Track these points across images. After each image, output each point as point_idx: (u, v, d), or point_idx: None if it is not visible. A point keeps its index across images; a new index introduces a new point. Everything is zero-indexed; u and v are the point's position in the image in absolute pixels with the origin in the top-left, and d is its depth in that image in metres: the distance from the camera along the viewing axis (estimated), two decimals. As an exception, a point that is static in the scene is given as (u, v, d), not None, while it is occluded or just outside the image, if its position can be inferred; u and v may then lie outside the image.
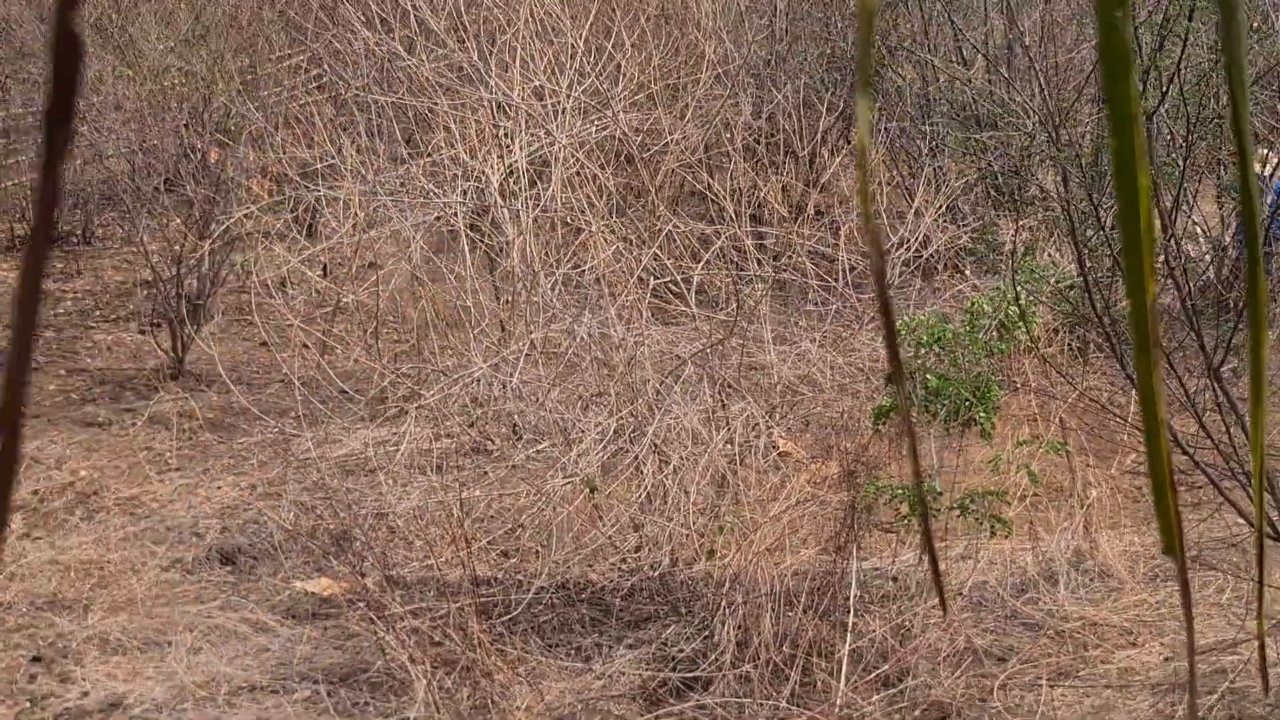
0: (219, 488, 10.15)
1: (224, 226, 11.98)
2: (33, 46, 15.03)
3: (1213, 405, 5.54)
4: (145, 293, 13.47)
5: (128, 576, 8.85)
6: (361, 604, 7.88)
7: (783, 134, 12.05)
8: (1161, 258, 7.57)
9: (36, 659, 7.99)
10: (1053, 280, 7.99)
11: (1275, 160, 10.47)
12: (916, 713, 6.75)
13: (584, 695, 7.19)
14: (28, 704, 7.58)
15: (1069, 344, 9.46)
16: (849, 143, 13.11)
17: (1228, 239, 10.93)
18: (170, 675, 7.64)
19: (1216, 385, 5.69)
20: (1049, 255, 8.70)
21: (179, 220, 12.68)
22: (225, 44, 13.61)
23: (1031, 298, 7.51)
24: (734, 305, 8.63)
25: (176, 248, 12.40)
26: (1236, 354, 9.41)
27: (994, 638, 7.28)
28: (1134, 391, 5.93)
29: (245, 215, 11.80)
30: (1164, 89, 7.65)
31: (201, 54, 13.22)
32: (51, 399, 12.34)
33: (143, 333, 13.37)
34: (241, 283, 12.33)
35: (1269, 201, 10.28)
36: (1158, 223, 7.95)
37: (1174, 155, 7.94)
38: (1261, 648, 0.99)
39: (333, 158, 10.19)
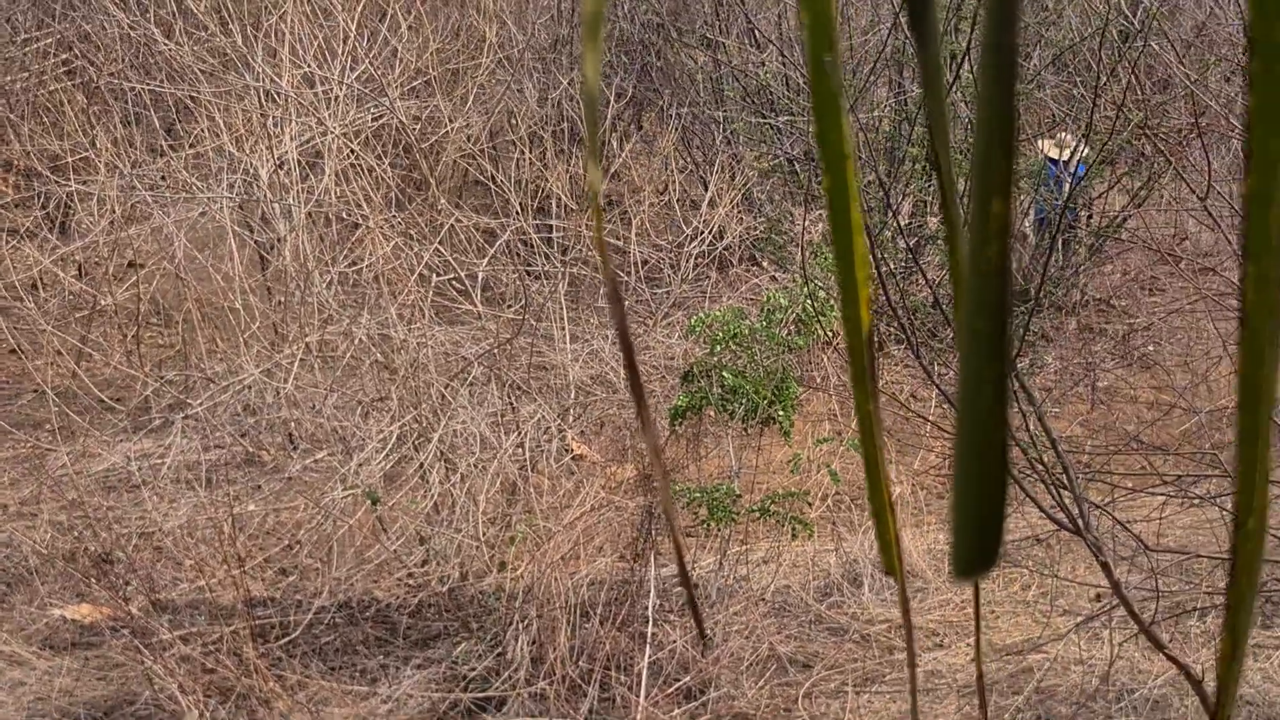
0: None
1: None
2: None
3: (1015, 396, 5.64)
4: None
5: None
6: (126, 631, 7.70)
7: (569, 121, 12.05)
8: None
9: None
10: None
11: (1073, 145, 10.79)
12: (720, 726, 6.80)
13: (369, 719, 7.11)
14: None
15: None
16: (640, 129, 13.19)
17: (1026, 227, 11.24)
18: (-86, 716, 7.37)
19: (1013, 375, 5.80)
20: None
21: (-84, 219, 12.31)
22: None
23: (827, 291, 7.59)
24: (522, 302, 8.62)
25: (-87, 249, 12.04)
26: (1033, 347, 9.68)
27: (798, 644, 7.37)
28: (934, 385, 6.05)
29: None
30: (957, 72, 7.84)
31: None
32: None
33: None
34: (-13, 286, 11.98)
35: (1066, 188, 10.60)
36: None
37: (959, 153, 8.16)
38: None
39: (85, 149, 9.94)
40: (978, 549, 0.63)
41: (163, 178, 9.64)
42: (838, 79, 0.68)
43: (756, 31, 12.88)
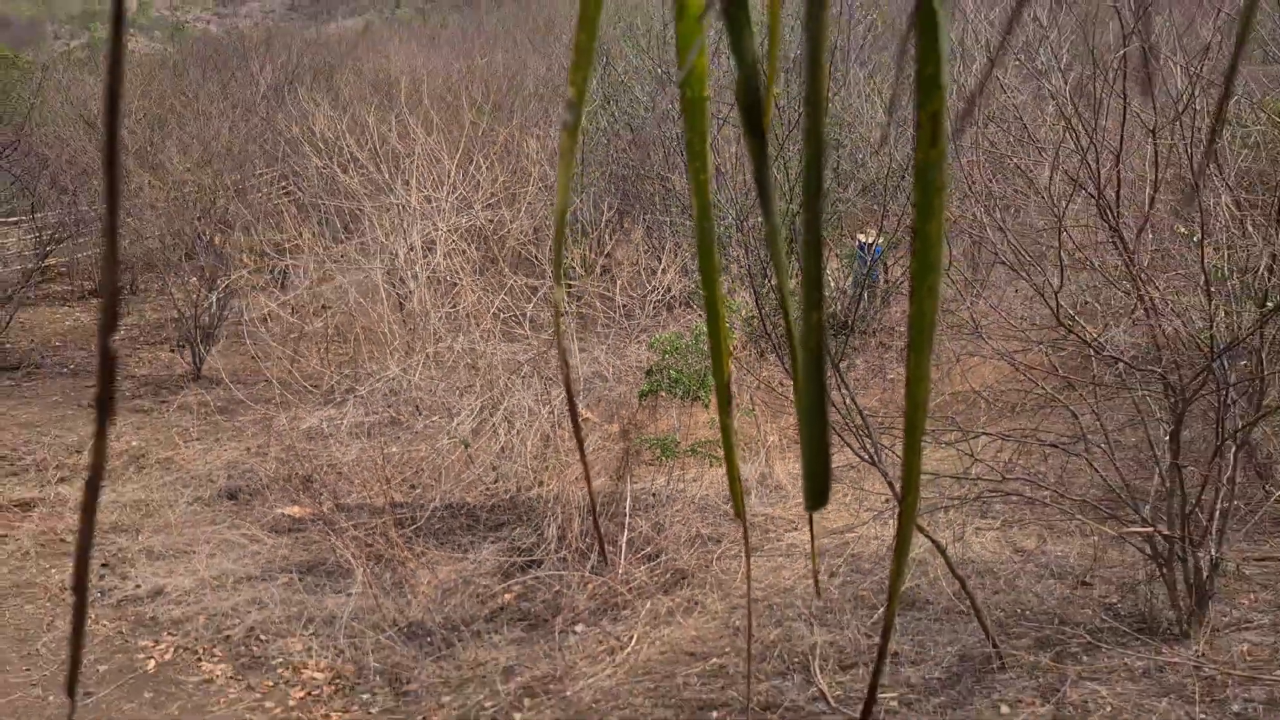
0: (225, 450, 9.83)
1: (225, 283, 11.61)
2: (88, 164, 14.32)
3: (837, 384, 5.72)
4: (174, 325, 12.98)
5: (165, 509, 8.52)
6: (320, 521, 7.71)
7: (580, 222, 12.08)
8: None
9: (105, 565, 7.64)
10: (743, 312, 8.17)
11: (874, 234, 10.86)
12: (667, 576, 6.84)
13: (463, 574, 7.14)
14: (99, 594, 7.24)
15: (753, 351, 9.67)
16: (622, 228, 13.20)
17: (848, 286, 11.30)
18: (194, 572, 7.37)
19: (837, 372, 5.88)
20: (740, 297, 8.87)
21: (195, 279, 12.25)
22: (223, 165, 13.15)
23: (729, 323, 7.65)
24: (553, 329, 8.64)
25: (194, 296, 11.99)
26: (849, 357, 9.73)
27: (712, 528, 7.41)
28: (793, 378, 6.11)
29: (239, 276, 11.46)
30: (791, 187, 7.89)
31: (208, 172, 12.76)
32: (112, 396, 11.79)
33: (173, 351, 12.88)
34: (238, 319, 11.95)
35: (869, 262, 10.67)
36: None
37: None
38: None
39: (296, 239, 9.93)
40: (818, 492, 0.65)
41: (341, 256, 9.64)
42: (710, 232, 0.68)
43: (689, 170, 12.93)
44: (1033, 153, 5.49)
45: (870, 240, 10.91)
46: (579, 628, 6.42)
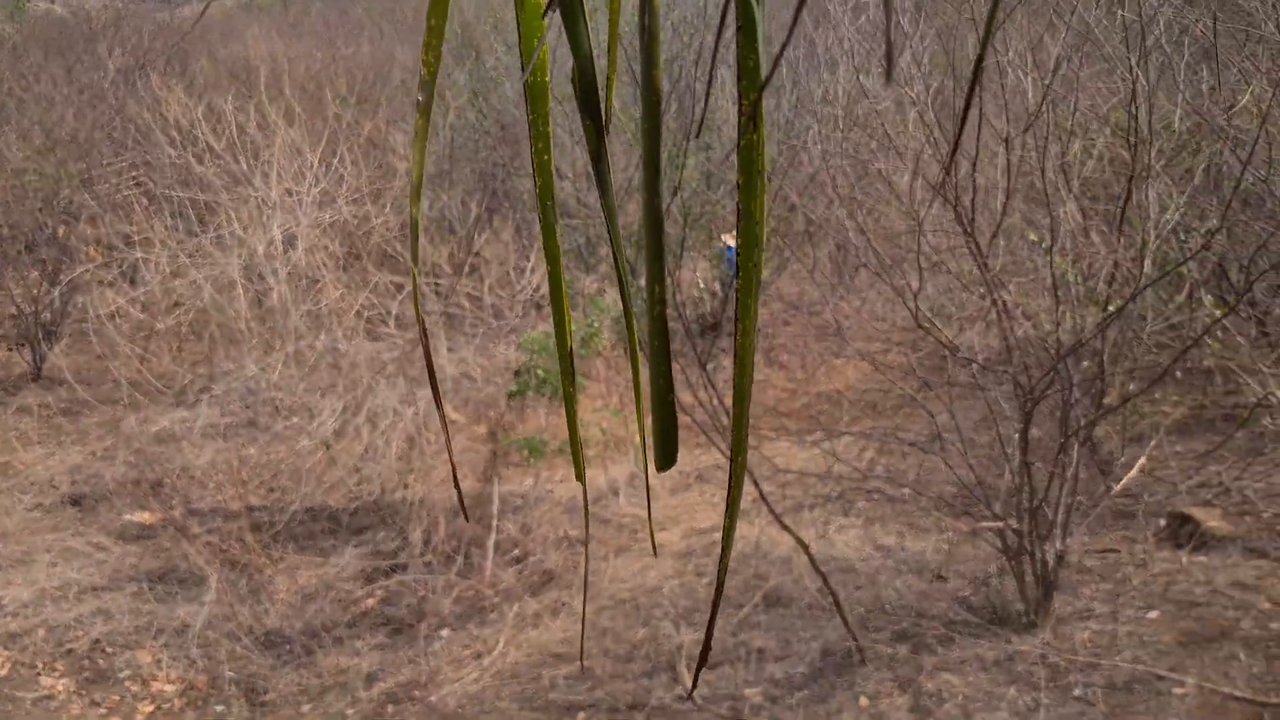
0: (68, 454, 9.36)
1: (69, 278, 11.07)
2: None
3: (703, 385, 5.81)
4: (12, 322, 12.29)
5: (2, 517, 8.06)
6: (171, 527, 7.42)
7: (448, 220, 11.94)
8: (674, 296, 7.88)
9: (-68, 577, 7.18)
10: (611, 313, 8.19)
11: (731, 238, 11.06)
12: (535, 578, 6.82)
13: (324, 579, 6.97)
14: (-74, 608, 6.80)
15: (623, 351, 9.71)
16: (491, 225, 13.09)
17: (716, 286, 11.45)
18: (34, 583, 6.99)
19: (704, 373, 5.96)
20: (610, 297, 8.89)
21: (36, 273, 11.63)
22: (68, 154, 12.51)
23: (598, 323, 7.68)
24: (419, 328, 8.51)
25: (34, 291, 11.39)
26: (715, 357, 9.88)
27: (580, 529, 7.41)
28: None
29: (84, 270, 10.94)
30: (672, 197, 7.98)
31: (49, 160, 12.13)
32: (-59, 396, 11.10)
33: (10, 350, 12.19)
34: (83, 316, 11.39)
35: (735, 263, 10.84)
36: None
37: (680, 239, 8.29)
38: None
39: (147, 232, 9.53)
40: (668, 455, 0.68)
41: (196, 250, 9.29)
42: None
43: (559, 169, 12.90)
44: (894, 158, 5.68)
45: (732, 244, 11.10)
46: (444, 632, 6.34)
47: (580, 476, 0.80)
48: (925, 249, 5.35)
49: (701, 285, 11.50)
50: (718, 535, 7.15)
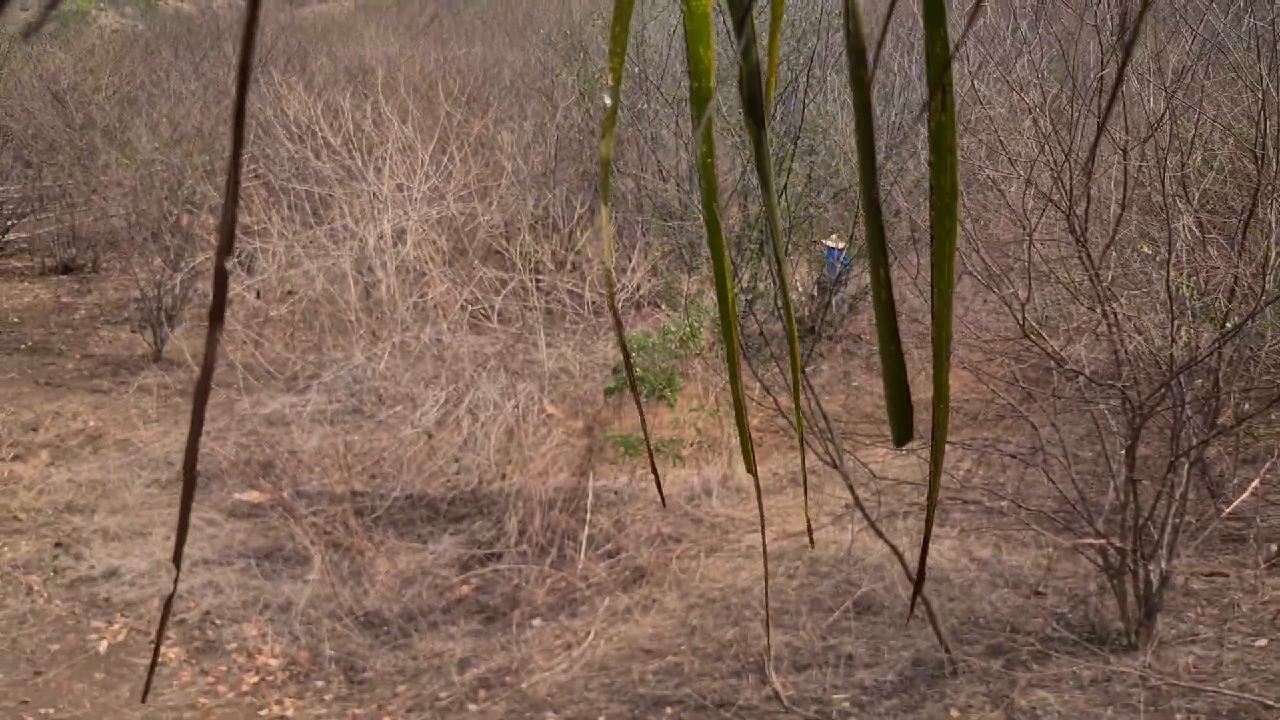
0: (184, 433, 9.73)
1: (190, 265, 11.50)
2: (54, 138, 14.10)
3: (804, 388, 5.76)
4: (136, 305, 12.82)
5: (121, 491, 8.42)
6: (279, 507, 7.65)
7: (551, 219, 12.08)
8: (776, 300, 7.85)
9: (59, 545, 7.54)
10: (711, 314, 8.20)
11: (839, 240, 10.94)
12: (626, 573, 6.86)
13: (422, 564, 7.12)
14: (51, 573, 7.14)
15: (721, 352, 9.70)
16: (593, 225, 13.20)
17: (814, 290, 11.36)
18: (150, 554, 7.29)
19: (802, 375, 5.92)
20: (709, 298, 8.90)
21: (160, 259, 12.11)
22: (193, 146, 13.00)
23: (698, 324, 7.68)
24: (521, 322, 8.63)
25: (158, 277, 11.86)
26: (814, 360, 9.80)
27: (673, 528, 7.45)
28: (757, 380, 6.14)
29: (205, 258, 11.36)
30: (778, 198, 7.93)
31: (176, 152, 12.62)
32: (70, 374, 11.64)
33: (134, 332, 12.73)
34: (202, 301, 11.84)
35: (837, 267, 10.74)
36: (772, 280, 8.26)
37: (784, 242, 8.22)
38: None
39: (264, 223, 9.85)
40: (904, 428, 0.69)
41: (310, 241, 9.57)
42: (714, 176, 0.72)
43: (663, 170, 12.94)
44: (1004, 166, 5.57)
45: (837, 246, 10.97)
46: (536, 622, 6.42)
47: (750, 468, 0.82)
48: (1034, 258, 5.23)
49: (801, 289, 11.42)
50: (808, 539, 7.09)
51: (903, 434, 0.69)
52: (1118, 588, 5.29)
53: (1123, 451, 5.23)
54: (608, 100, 0.65)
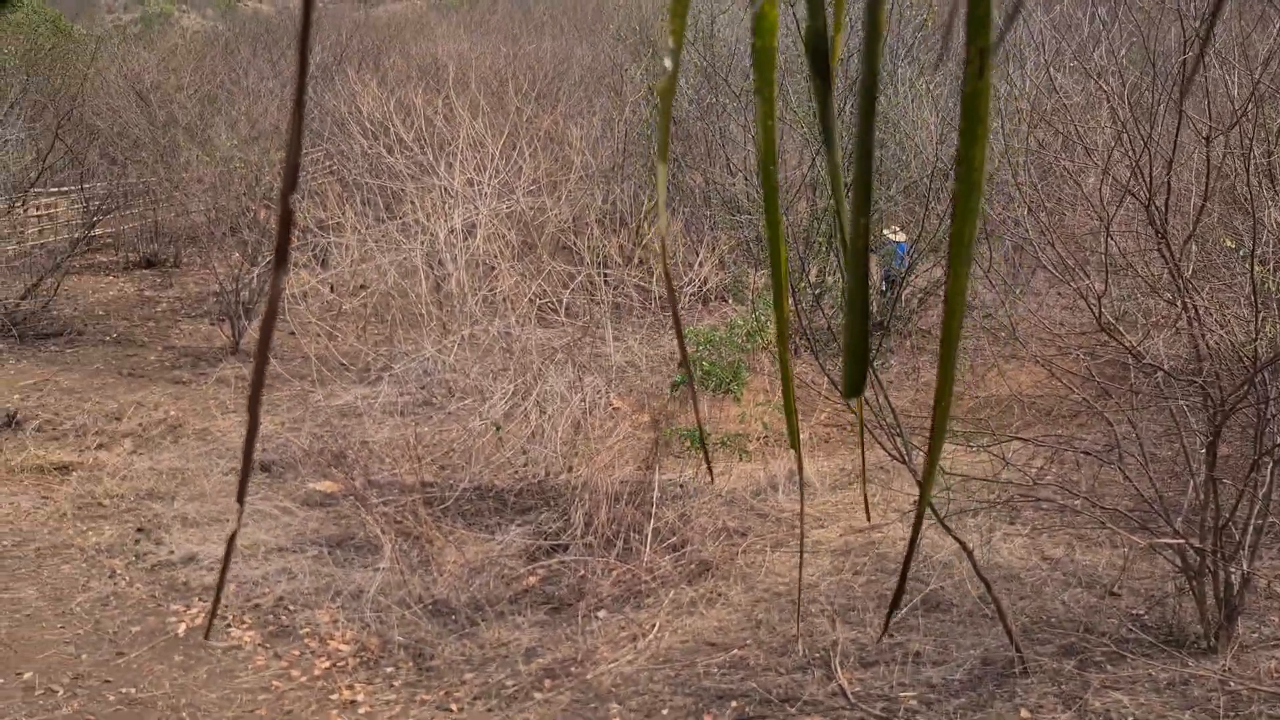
0: (261, 423, 9.94)
1: (267, 259, 11.73)
2: (138, 136, 14.49)
3: (871, 383, 5.70)
4: (214, 299, 13.12)
5: (200, 479, 8.63)
6: (351, 497, 7.78)
7: (620, 213, 12.11)
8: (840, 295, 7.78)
9: (140, 530, 7.75)
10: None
11: (901, 234, 10.80)
12: (692, 566, 6.85)
13: (489, 555, 7.19)
14: (133, 558, 7.35)
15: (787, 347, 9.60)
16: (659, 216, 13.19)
17: (881, 284, 11.24)
18: (226, 540, 7.47)
19: (870, 370, 5.85)
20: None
21: (238, 254, 12.38)
22: (270, 143, 13.27)
23: (766, 318, 7.64)
24: (588, 316, 8.66)
25: (236, 271, 12.12)
26: (882, 355, 9.69)
27: (739, 521, 7.42)
28: (825, 375, 6.09)
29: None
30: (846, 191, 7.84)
31: (254, 149, 12.88)
32: (152, 365, 11.95)
33: (212, 324, 13.03)
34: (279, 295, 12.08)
35: (906, 260, 10.61)
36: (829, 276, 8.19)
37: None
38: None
39: (338, 218, 10.01)
40: (857, 381, 0.66)
41: (382, 236, 9.71)
42: (776, 179, 0.71)
43: (731, 164, 12.89)
44: (1081, 156, 5.44)
45: (898, 238, 10.84)
46: (601, 613, 6.44)
47: (795, 446, 0.80)
48: (1112, 251, 5.10)
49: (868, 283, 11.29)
50: (876, 535, 7.02)
51: (854, 387, 0.65)
52: (1196, 589, 5.14)
53: (1203, 450, 5.08)
54: (668, 63, 0.64)
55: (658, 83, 0.66)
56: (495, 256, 8.99)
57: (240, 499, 0.52)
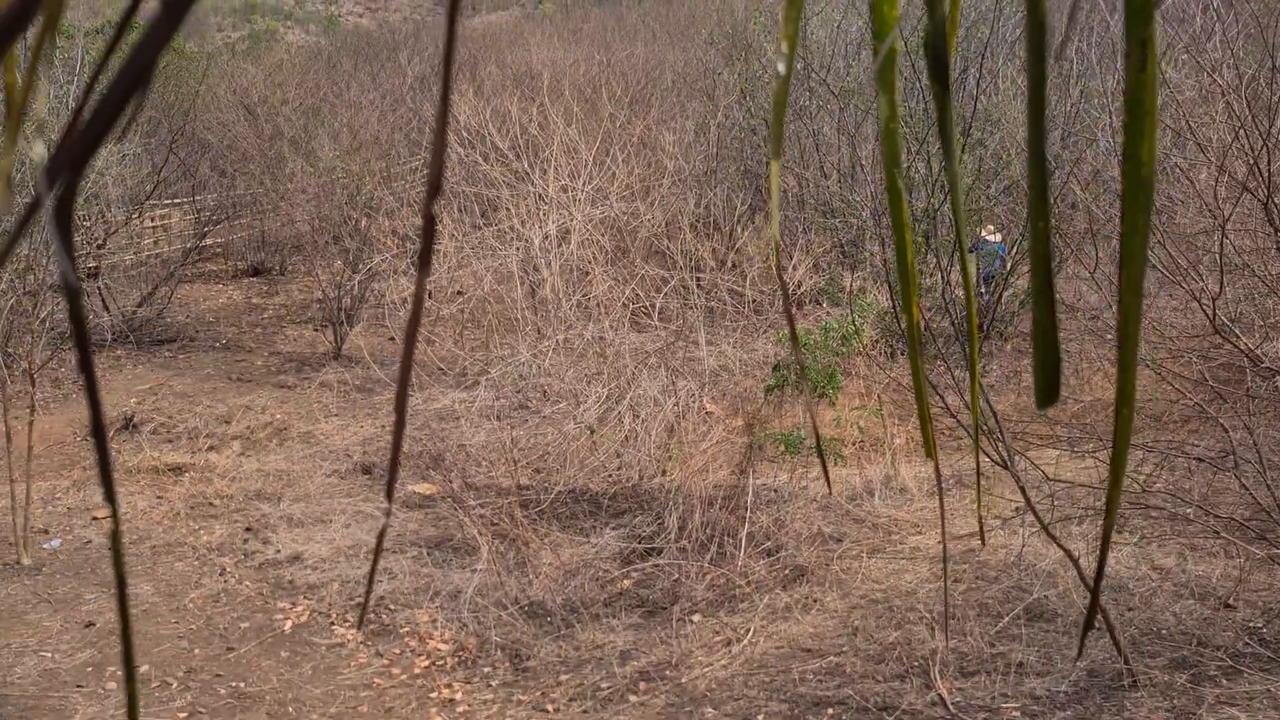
0: (362, 426, 10.16)
1: (369, 266, 12.00)
2: (247, 149, 14.97)
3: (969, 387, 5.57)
4: (318, 305, 13.48)
5: (305, 480, 8.87)
6: (449, 499, 7.91)
7: (713, 217, 12.09)
8: (940, 296, 7.64)
9: (249, 530, 8.00)
10: (874, 311, 8.04)
11: (998, 235, 10.56)
12: (786, 571, 6.79)
13: (584, 557, 7.23)
14: (242, 556, 7.59)
15: (884, 349, 9.49)
16: (754, 224, 13.15)
17: (980, 285, 11.02)
18: (330, 540, 7.65)
19: (969, 374, 5.71)
20: (872, 294, 8.72)
21: (340, 261, 12.70)
22: (371, 153, 13.59)
23: (861, 320, 7.54)
24: (681, 320, 8.67)
25: (339, 279, 12.42)
26: (983, 359, 9.47)
27: (834, 527, 7.33)
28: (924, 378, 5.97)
29: (381, 259, 11.84)
30: (944, 194, 7.73)
31: (356, 159, 13.21)
32: (259, 370, 12.32)
33: (316, 330, 13.38)
34: (378, 301, 12.36)
35: (996, 260, 10.38)
36: (937, 276, 8.05)
37: (948, 237, 8.00)
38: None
39: (436, 225, 10.21)
40: (1049, 388, 0.64)
41: (479, 242, 9.86)
42: (901, 181, 0.70)
43: (825, 166, 12.78)
44: (1193, 153, 5.25)
45: (993, 238, 10.60)
46: (696, 617, 6.43)
47: (931, 453, 0.78)
48: (1226, 250, 4.91)
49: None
50: (976, 542, 6.86)
51: (1048, 395, 0.62)
52: (1319, 603, 4.91)
53: (1325, 456, 4.86)
54: (781, 68, 0.63)
55: (772, 85, 0.66)
56: (589, 262, 9.07)
57: (389, 495, 0.53)
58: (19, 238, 0.46)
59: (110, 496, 0.47)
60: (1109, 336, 6.39)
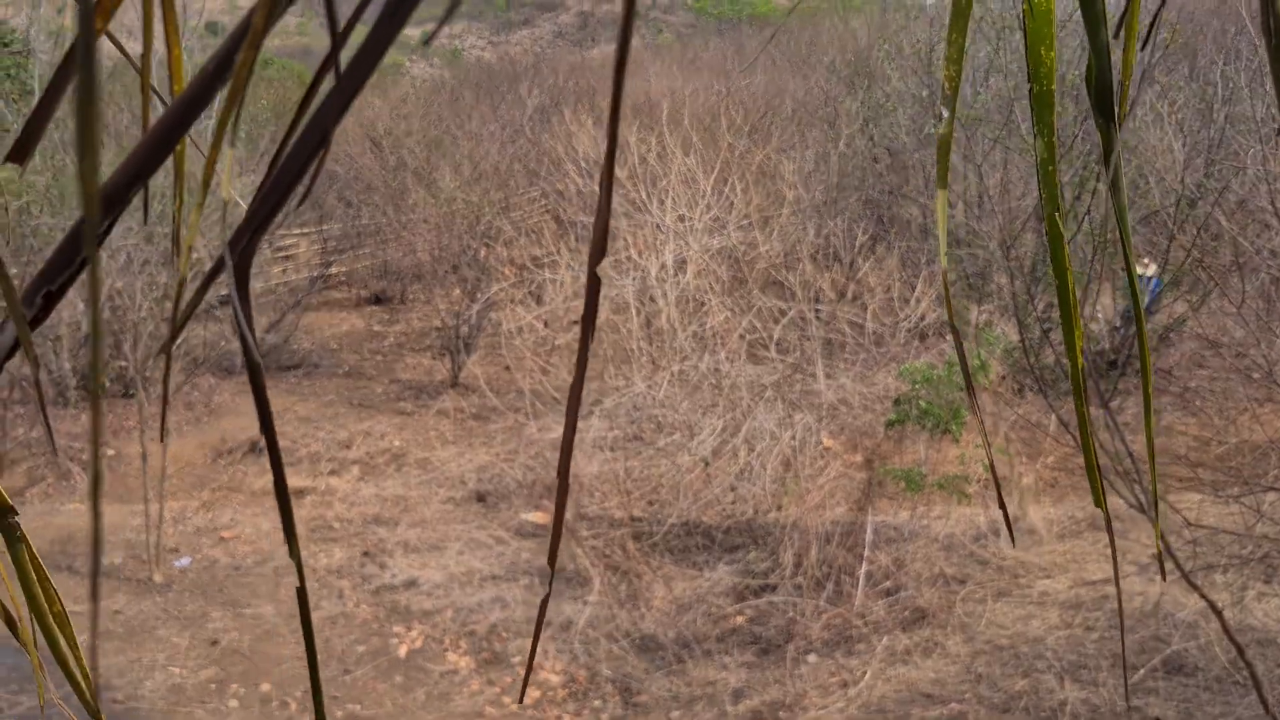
0: (476, 454, 10.38)
1: (486, 295, 12.28)
2: (371, 180, 15.51)
3: (1105, 425, 5.42)
4: (436, 334, 13.84)
5: (421, 506, 9.09)
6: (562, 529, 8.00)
7: (832, 248, 12.00)
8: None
9: (366, 554, 8.24)
10: (1002, 345, 7.86)
11: (1152, 267, 10.19)
12: (906, 613, 6.67)
13: (697, 591, 7.22)
14: (360, 580, 7.81)
15: (1011, 385, 9.26)
16: (874, 254, 13.01)
17: (1117, 321, 10.66)
18: (445, 567, 7.82)
19: (1107, 413, 5.56)
20: (1000, 329, 8.53)
21: (459, 290, 13.02)
22: (490, 184, 13.94)
23: (988, 355, 7.38)
24: (799, 353, 8.62)
25: (457, 307, 12.74)
26: (1119, 396, 9.16)
27: (957, 568, 7.17)
28: (1053, 415, 5.81)
29: (499, 289, 12.10)
30: (1078, 225, 7.52)
31: (475, 190, 13.56)
32: (379, 397, 12.70)
33: (434, 359, 13.74)
34: (495, 330, 12.63)
35: (1150, 295, 10.02)
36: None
37: (1084, 269, 7.77)
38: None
39: (553, 255, 10.39)
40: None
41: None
42: (1062, 209, 0.71)
43: (950, 195, 12.57)
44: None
45: (1149, 271, 10.23)
46: (811, 657, 6.35)
47: (1099, 503, 0.77)
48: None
49: (1102, 320, 10.72)
50: (1110, 589, 6.62)
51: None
52: None
53: None
54: (944, 112, 0.66)
55: (938, 128, 0.68)
56: (706, 292, 9.11)
57: (559, 511, 0.56)
58: (197, 306, 0.51)
59: (294, 553, 0.50)
60: (1256, 375, 6.12)
